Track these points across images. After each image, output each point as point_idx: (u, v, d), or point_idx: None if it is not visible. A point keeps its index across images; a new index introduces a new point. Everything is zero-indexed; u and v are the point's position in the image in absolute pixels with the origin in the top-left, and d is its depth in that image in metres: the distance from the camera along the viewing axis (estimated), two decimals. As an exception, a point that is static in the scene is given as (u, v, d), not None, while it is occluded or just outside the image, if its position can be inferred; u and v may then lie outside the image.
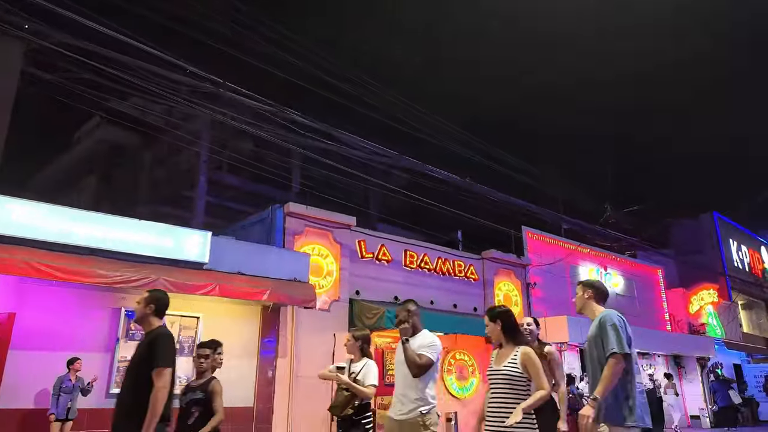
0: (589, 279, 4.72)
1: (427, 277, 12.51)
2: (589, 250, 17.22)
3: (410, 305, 4.35)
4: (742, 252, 25.22)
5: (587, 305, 3.97)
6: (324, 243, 10.84)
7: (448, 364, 12.07)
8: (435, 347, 4.15)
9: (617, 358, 3.47)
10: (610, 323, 3.63)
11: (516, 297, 14.27)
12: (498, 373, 3.72)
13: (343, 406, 4.88)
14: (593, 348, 3.73)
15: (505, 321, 3.88)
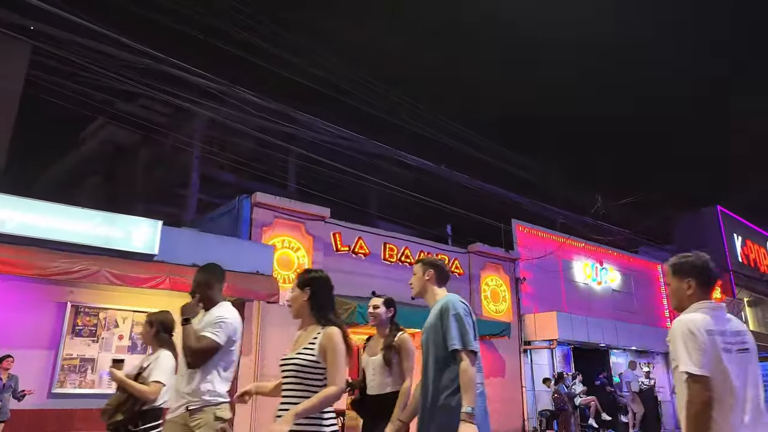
0: (429, 257, 3.46)
1: (408, 272, 11.86)
2: (583, 245, 16.57)
3: (202, 273, 3.40)
4: (747, 247, 24.42)
5: (427, 288, 3.20)
6: (295, 235, 10.31)
7: (430, 363, 11.49)
8: (225, 324, 3.14)
9: (467, 357, 2.76)
10: (452, 312, 2.88)
11: (504, 292, 13.67)
12: (288, 363, 2.70)
13: (113, 410, 3.66)
14: (430, 342, 2.97)
15: (317, 291, 2.83)
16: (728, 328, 2.38)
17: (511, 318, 13.54)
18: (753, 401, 2.25)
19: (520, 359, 13.26)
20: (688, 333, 2.28)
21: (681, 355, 2.26)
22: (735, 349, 2.31)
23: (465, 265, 13.13)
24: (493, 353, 12.72)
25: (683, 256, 2.56)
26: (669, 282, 2.60)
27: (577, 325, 13.39)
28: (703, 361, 2.19)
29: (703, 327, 2.28)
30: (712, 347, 2.24)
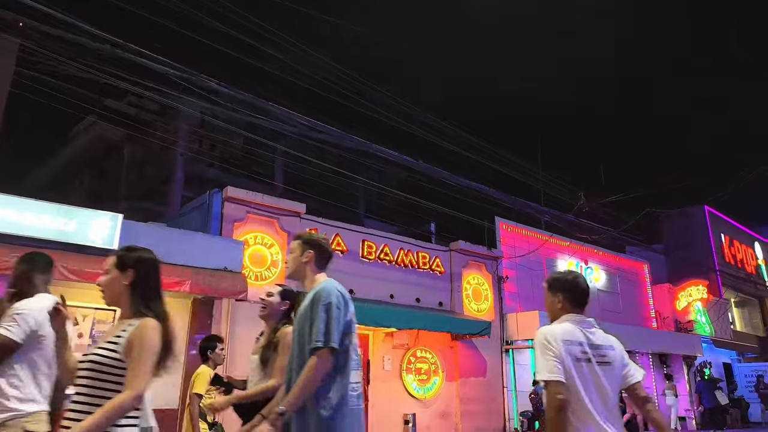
0: (311, 234, 2.97)
1: (387, 270, 11.69)
2: (568, 243, 16.38)
3: (21, 264, 2.91)
4: (735, 247, 24.35)
5: (304, 271, 2.81)
6: (269, 231, 10.02)
7: (408, 362, 11.24)
8: (21, 317, 2.67)
9: (322, 355, 2.45)
10: (324, 302, 2.56)
11: (486, 291, 13.44)
12: (84, 360, 2.17)
13: None
14: (298, 334, 2.65)
15: (142, 275, 2.28)
16: (589, 340, 2.50)
17: (493, 317, 13.31)
18: (607, 411, 2.38)
19: (502, 359, 13.04)
20: (544, 342, 2.41)
21: (538, 364, 2.37)
22: (595, 360, 2.43)
23: (446, 263, 12.89)
24: (474, 353, 12.49)
25: (558, 273, 2.76)
26: (545, 296, 2.74)
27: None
28: (557, 368, 2.32)
29: (559, 337, 2.42)
30: (567, 356, 2.36)
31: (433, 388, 11.47)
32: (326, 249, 2.91)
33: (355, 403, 2.53)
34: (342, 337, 2.57)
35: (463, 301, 12.80)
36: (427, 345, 11.71)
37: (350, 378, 2.54)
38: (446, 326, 10.90)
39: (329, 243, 2.98)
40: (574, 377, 2.35)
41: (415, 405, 11.05)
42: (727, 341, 19.21)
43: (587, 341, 2.48)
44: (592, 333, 2.55)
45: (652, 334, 16.56)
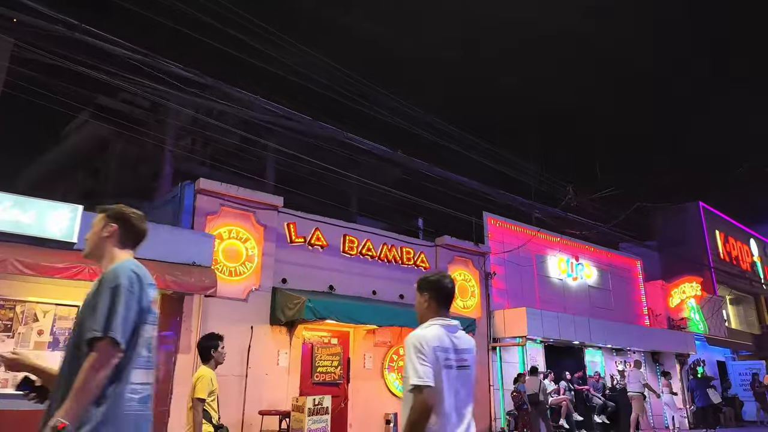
0: (117, 207, 2.45)
1: (369, 265, 11.36)
2: (558, 239, 16.07)
3: None
4: (730, 244, 24.07)
5: (104, 249, 2.40)
6: (244, 225, 9.69)
7: (390, 360, 10.92)
8: None
9: (101, 349, 2.02)
10: (111, 284, 2.15)
11: (473, 287, 13.12)
12: None
13: None
14: (79, 321, 2.23)
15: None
16: (455, 345, 2.52)
17: (480, 314, 13.00)
18: (464, 416, 2.45)
19: (489, 357, 12.73)
20: (417, 347, 2.41)
21: (409, 368, 2.40)
22: (456, 365, 2.47)
23: (432, 258, 12.57)
24: (460, 351, 12.16)
25: (431, 273, 2.78)
26: (415, 296, 2.72)
27: (548, 322, 12.87)
28: (428, 373, 2.34)
29: (431, 343, 2.43)
30: (436, 362, 2.39)
31: (417, 387, 11.14)
32: (134, 224, 2.46)
33: (134, 408, 2.13)
34: (132, 329, 2.16)
35: (448, 298, 12.47)
36: (411, 343, 11.38)
37: (131, 378, 2.14)
38: (403, 320, 10.46)
39: (142, 219, 2.52)
40: (440, 383, 2.38)
41: (397, 404, 10.72)
42: (721, 339, 18.92)
43: (453, 346, 2.52)
44: (457, 337, 2.57)
45: (644, 331, 16.27)
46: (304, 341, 9.94)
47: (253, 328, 9.17)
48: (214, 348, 4.74)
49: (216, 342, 4.80)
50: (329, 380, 9.96)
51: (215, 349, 4.75)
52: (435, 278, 2.68)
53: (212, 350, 4.72)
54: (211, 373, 4.63)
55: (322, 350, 10.03)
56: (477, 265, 13.42)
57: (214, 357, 4.74)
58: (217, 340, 4.84)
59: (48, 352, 7.40)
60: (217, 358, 4.76)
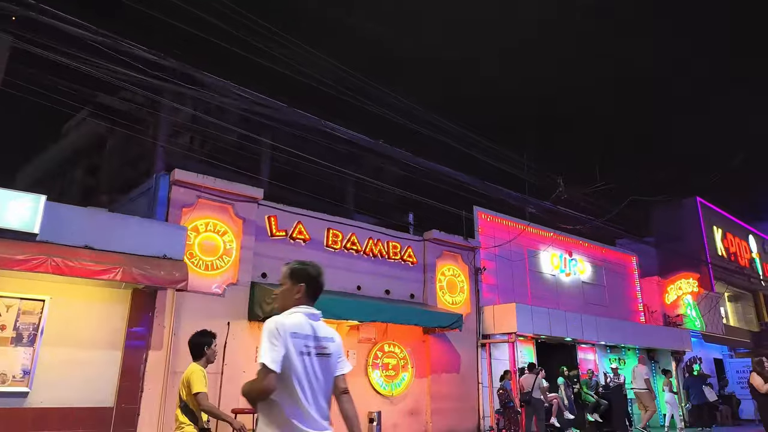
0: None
1: (354, 260, 11.06)
2: (552, 234, 15.75)
3: None
4: (728, 240, 23.72)
5: None
6: (222, 218, 9.39)
7: (375, 358, 10.62)
8: None
9: None
10: None
11: (462, 283, 12.81)
12: None
13: None
14: None
15: None
16: (315, 332, 2.59)
17: (469, 310, 12.70)
18: (319, 401, 2.50)
19: (478, 354, 12.42)
20: (274, 332, 2.45)
21: (263, 348, 2.43)
22: (315, 353, 2.54)
23: (419, 253, 12.26)
24: (447, 347, 11.87)
25: (301, 263, 2.77)
26: (283, 282, 2.72)
27: (539, 318, 12.55)
28: (279, 358, 2.39)
29: (289, 329, 2.48)
30: (292, 348, 2.45)
31: (402, 385, 10.85)
32: None
33: None
34: None
35: (436, 293, 12.18)
36: (397, 339, 11.09)
37: None
38: (413, 319, 10.27)
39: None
40: (293, 369, 2.43)
41: (381, 402, 10.44)
42: (717, 336, 18.58)
43: (313, 334, 2.57)
44: (318, 326, 2.63)
45: (639, 328, 15.95)
46: (284, 337, 9.64)
47: (230, 323, 8.88)
48: (207, 345, 4.65)
49: (210, 339, 4.72)
50: (310, 377, 9.66)
51: (209, 346, 4.66)
52: (314, 272, 2.72)
53: (205, 347, 4.63)
54: (201, 369, 4.51)
55: (302, 347, 9.73)
56: (466, 260, 13.11)
57: (207, 355, 4.64)
58: (211, 337, 4.75)
59: (11, 348, 7.11)
60: (209, 356, 4.67)
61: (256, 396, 2.42)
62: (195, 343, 4.68)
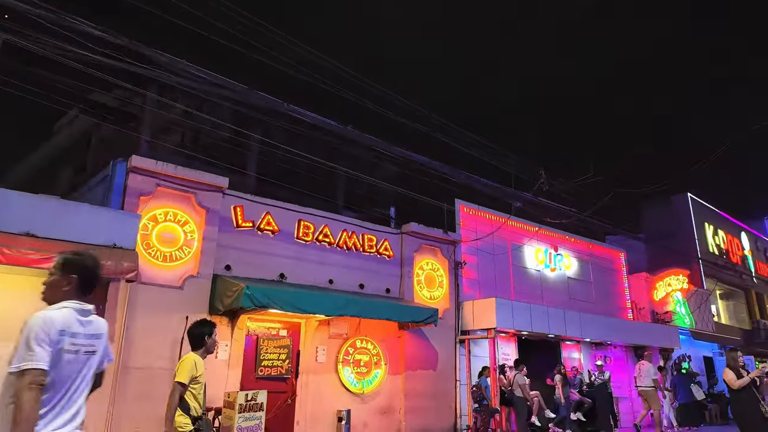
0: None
1: (327, 253, 10.59)
2: (537, 229, 15.29)
3: None
4: (720, 237, 23.27)
5: None
6: (183, 207, 8.92)
7: (346, 354, 10.16)
8: None
9: None
10: None
11: (441, 278, 12.35)
12: None
13: None
14: None
15: None
16: (85, 330, 2.46)
17: (448, 305, 12.24)
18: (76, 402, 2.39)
19: (456, 350, 11.96)
20: (42, 329, 2.28)
21: (25, 349, 2.24)
22: (83, 350, 2.43)
23: (397, 247, 11.80)
24: (424, 344, 11.41)
25: (77, 253, 2.62)
26: (52, 273, 2.55)
27: (520, 313, 12.09)
28: (47, 357, 2.25)
29: (57, 326, 2.34)
30: (59, 346, 2.31)
31: (374, 382, 10.39)
32: None
33: None
34: None
35: (413, 288, 11.73)
36: (370, 335, 10.63)
37: None
38: (385, 313, 9.80)
39: None
40: (59, 368, 2.31)
41: (351, 400, 9.98)
42: (707, 333, 18.13)
43: (82, 332, 2.44)
44: (88, 322, 2.49)
45: (626, 325, 15.49)
46: (248, 333, 9.18)
47: (189, 317, 8.38)
48: (208, 335, 4.56)
49: (210, 329, 4.64)
50: (275, 374, 9.20)
51: (209, 335, 4.57)
52: (90, 263, 2.57)
53: (206, 337, 4.54)
54: (197, 358, 4.41)
55: (268, 342, 9.27)
56: (446, 253, 12.65)
57: (207, 344, 4.54)
58: (211, 327, 4.67)
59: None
60: (209, 346, 4.57)
61: (34, 400, 2.17)
62: (195, 333, 4.59)
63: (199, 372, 4.34)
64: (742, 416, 7.48)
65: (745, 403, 7.31)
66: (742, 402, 7.38)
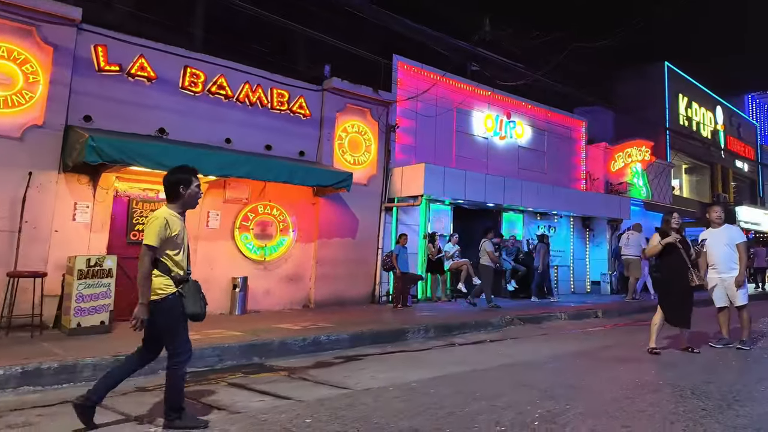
0: None
1: (223, 108, 8.74)
2: (489, 93, 13.25)
3: None
4: (693, 110, 21.17)
5: None
6: (21, 43, 6.90)
7: (245, 220, 8.77)
8: None
9: None
10: None
11: (369, 142, 10.62)
12: None
13: None
14: None
15: None
16: None
17: (375, 171, 10.67)
18: None
19: (381, 218, 10.63)
20: None
21: None
22: None
23: (316, 105, 9.90)
24: (343, 211, 10.02)
25: None
26: None
27: (453, 181, 10.57)
28: None
29: None
30: None
31: (279, 249, 9.13)
32: None
33: None
34: None
35: (334, 152, 10.06)
36: (277, 200, 9.17)
37: None
38: (283, 174, 8.14)
39: None
40: None
41: (250, 267, 8.79)
42: (661, 205, 16.88)
43: None
44: None
45: (573, 194, 14.04)
46: (118, 194, 7.66)
47: (32, 174, 6.82)
48: (184, 184, 3.46)
49: (188, 176, 3.49)
50: (155, 240, 7.86)
51: (185, 186, 3.46)
52: None
53: (181, 187, 3.45)
54: (171, 215, 3.38)
55: (143, 205, 7.79)
56: (376, 115, 10.78)
57: (183, 197, 3.46)
58: (188, 174, 3.51)
59: None
60: (186, 200, 3.48)
61: None
62: (171, 181, 3.47)
63: (173, 231, 3.34)
64: (663, 290, 6.17)
65: (669, 272, 5.94)
66: (666, 270, 6.04)
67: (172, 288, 3.33)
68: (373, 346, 6.49)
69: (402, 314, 8.71)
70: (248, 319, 7.76)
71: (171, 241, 3.34)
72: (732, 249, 6.19)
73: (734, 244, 6.20)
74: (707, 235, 6.39)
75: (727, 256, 6.21)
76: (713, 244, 6.30)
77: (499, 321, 8.24)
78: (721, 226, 6.39)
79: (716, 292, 6.33)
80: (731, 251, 6.19)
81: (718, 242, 6.26)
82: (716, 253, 6.27)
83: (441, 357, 6.03)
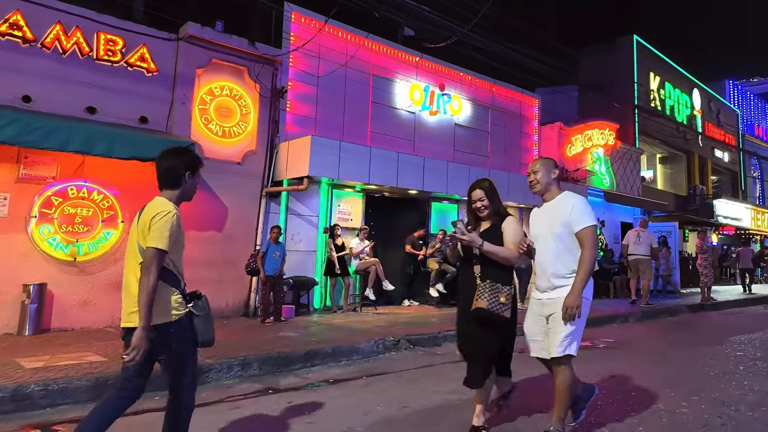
0: None
1: (18, 55, 6.70)
2: (417, 59, 11.41)
3: None
4: (666, 91, 19.66)
5: None
6: None
7: (46, 206, 6.74)
8: None
9: None
10: None
11: (247, 109, 8.66)
12: None
13: None
14: None
15: None
16: None
17: (254, 146, 8.73)
18: None
19: (261, 207, 8.68)
20: None
21: None
22: None
23: (168, 58, 7.91)
24: (208, 197, 8.06)
25: None
26: None
27: (352, 159, 8.64)
28: None
29: None
30: None
31: (100, 247, 7.09)
32: None
33: None
34: None
35: (193, 119, 8.08)
36: (101, 181, 7.15)
37: None
38: (75, 143, 6.12)
39: None
40: None
41: (56, 270, 6.75)
42: (624, 196, 15.25)
43: None
44: None
45: (514, 180, 12.26)
46: None
47: None
48: (191, 171, 2.61)
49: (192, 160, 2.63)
50: None
51: (192, 172, 2.62)
52: None
53: (186, 174, 2.59)
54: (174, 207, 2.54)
55: None
56: (254, 74, 8.81)
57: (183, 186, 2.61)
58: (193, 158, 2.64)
59: None
60: (187, 190, 2.64)
61: None
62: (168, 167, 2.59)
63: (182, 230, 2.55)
64: None
65: None
66: None
67: (184, 306, 2.53)
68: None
69: (255, 333, 6.74)
70: (27, 344, 5.72)
71: (179, 243, 2.55)
72: (563, 243, 3.15)
73: (571, 232, 3.14)
74: (532, 219, 3.45)
75: (553, 255, 3.18)
76: (536, 233, 3.32)
77: (373, 347, 6.15)
78: (553, 198, 3.29)
79: (528, 321, 3.36)
80: (561, 247, 3.16)
81: (542, 230, 3.28)
82: (538, 250, 3.28)
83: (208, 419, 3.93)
